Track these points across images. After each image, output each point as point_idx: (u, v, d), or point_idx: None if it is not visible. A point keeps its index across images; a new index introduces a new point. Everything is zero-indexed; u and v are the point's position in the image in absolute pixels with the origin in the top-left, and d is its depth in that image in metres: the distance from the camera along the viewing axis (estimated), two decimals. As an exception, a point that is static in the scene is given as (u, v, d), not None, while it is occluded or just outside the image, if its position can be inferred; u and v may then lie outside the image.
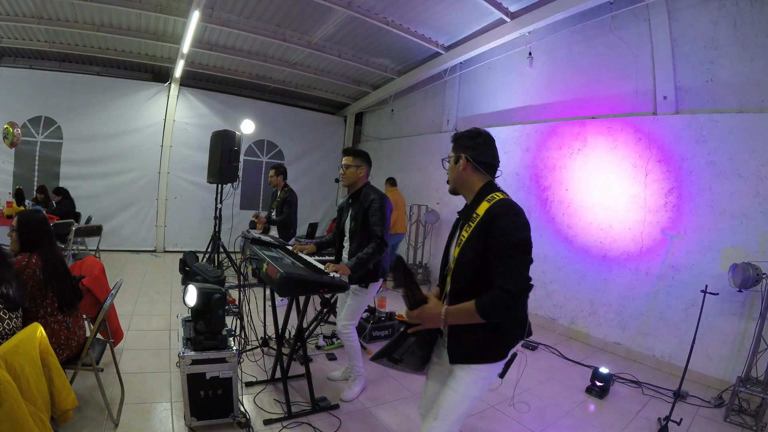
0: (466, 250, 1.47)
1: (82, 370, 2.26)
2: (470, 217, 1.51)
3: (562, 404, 3.12)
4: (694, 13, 3.93)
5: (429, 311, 1.45)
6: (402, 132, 8.38)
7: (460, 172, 1.60)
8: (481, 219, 1.46)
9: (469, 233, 1.47)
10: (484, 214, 1.45)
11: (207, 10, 5.31)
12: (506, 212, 1.43)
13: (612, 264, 4.42)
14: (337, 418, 2.65)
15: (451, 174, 1.64)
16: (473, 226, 1.47)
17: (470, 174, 1.58)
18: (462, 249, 1.49)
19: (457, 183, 1.63)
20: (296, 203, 4.78)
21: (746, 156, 3.54)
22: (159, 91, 7.55)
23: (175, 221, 7.83)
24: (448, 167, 1.66)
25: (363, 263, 2.61)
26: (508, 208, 1.44)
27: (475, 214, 1.49)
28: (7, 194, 6.36)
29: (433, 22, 5.48)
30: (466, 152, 1.59)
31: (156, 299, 4.78)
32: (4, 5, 5.40)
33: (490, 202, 1.48)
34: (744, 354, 3.29)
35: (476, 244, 1.44)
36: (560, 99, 5.24)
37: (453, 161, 1.63)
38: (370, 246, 2.65)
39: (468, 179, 1.59)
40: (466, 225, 1.51)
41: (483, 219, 1.45)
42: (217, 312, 2.37)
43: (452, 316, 1.43)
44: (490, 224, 1.42)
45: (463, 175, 1.59)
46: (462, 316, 1.42)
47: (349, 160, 2.81)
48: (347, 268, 2.52)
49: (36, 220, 2.21)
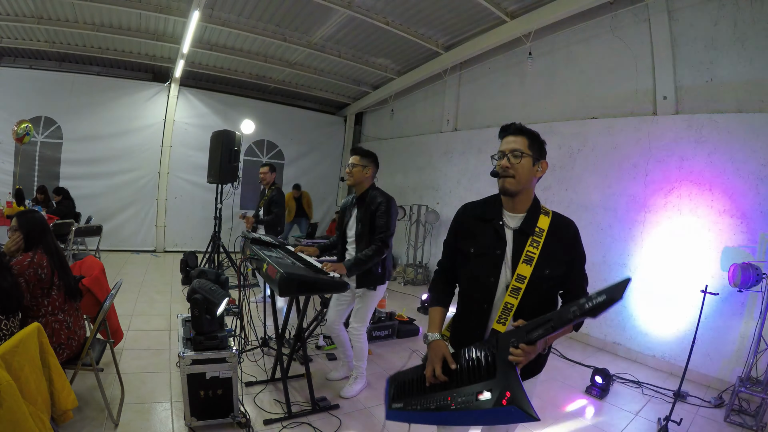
0: (548, 265, 1.38)
1: (82, 370, 2.26)
2: (532, 230, 1.41)
3: (562, 404, 3.11)
4: (694, 13, 3.93)
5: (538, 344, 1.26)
6: (402, 132, 8.38)
7: (535, 177, 1.45)
8: (551, 234, 1.40)
9: (541, 248, 1.38)
10: (554, 228, 1.41)
11: (207, 10, 5.31)
12: (578, 231, 1.46)
13: (612, 264, 4.42)
14: (337, 418, 2.65)
15: (524, 173, 1.41)
16: (542, 242, 1.39)
17: (535, 182, 1.47)
18: (539, 264, 1.37)
19: (526, 185, 1.43)
20: (284, 202, 4.79)
21: (746, 156, 3.53)
22: (159, 91, 7.55)
23: (175, 221, 7.84)
24: (519, 165, 1.41)
25: (361, 264, 2.61)
26: (576, 227, 1.47)
27: (539, 228, 1.41)
28: (7, 194, 6.36)
29: (433, 22, 5.48)
30: (546, 160, 1.48)
31: (156, 299, 4.78)
32: (4, 5, 5.40)
33: (548, 215, 1.43)
34: (744, 354, 3.28)
35: (564, 259, 1.41)
36: (560, 99, 5.24)
37: (531, 161, 1.42)
38: (371, 248, 2.65)
39: (533, 185, 1.47)
40: (532, 240, 1.40)
41: (557, 234, 1.41)
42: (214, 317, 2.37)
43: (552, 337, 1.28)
44: (573, 240, 1.43)
45: (534, 180, 1.45)
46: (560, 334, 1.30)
47: (357, 160, 2.78)
48: (344, 268, 2.53)
49: (37, 218, 2.23)
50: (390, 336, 4.22)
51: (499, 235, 1.44)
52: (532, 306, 1.38)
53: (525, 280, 1.37)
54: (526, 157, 1.41)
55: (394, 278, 7.14)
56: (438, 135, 7.28)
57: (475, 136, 6.45)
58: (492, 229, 1.46)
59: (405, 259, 7.36)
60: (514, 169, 1.40)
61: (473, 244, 1.49)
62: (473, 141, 6.45)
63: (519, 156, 1.40)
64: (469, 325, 1.50)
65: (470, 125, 6.70)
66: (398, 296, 5.95)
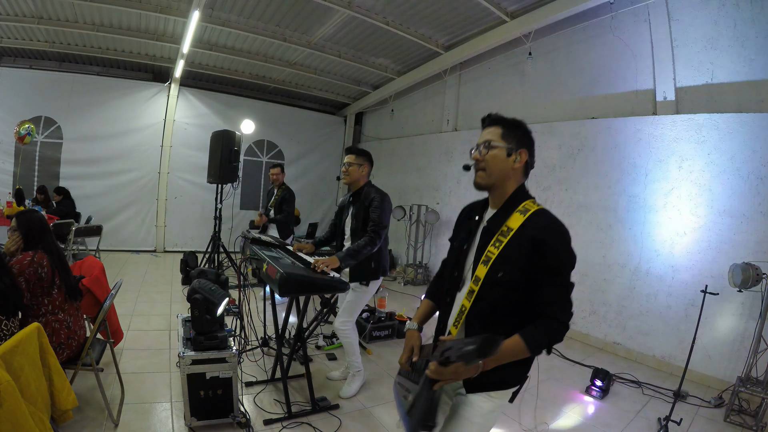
0: (503, 268, 1.24)
1: (82, 370, 2.26)
2: (497, 228, 1.29)
3: (562, 404, 3.11)
4: (694, 13, 3.93)
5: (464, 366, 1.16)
6: (402, 132, 8.38)
7: (511, 168, 1.32)
8: (518, 234, 1.24)
9: (502, 249, 1.25)
10: (523, 229, 1.24)
11: (207, 10, 5.30)
12: (555, 232, 1.25)
13: (612, 264, 4.42)
14: (337, 418, 2.65)
15: (495, 165, 1.31)
16: (505, 242, 1.25)
17: (517, 174, 1.34)
18: (494, 266, 1.25)
19: (499, 179, 1.32)
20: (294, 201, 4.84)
21: (746, 156, 3.54)
22: (159, 91, 7.55)
23: (175, 221, 7.83)
24: (490, 156, 1.32)
25: (353, 254, 2.61)
26: (558, 227, 1.26)
27: (506, 227, 1.27)
28: (7, 194, 6.35)
29: (433, 22, 5.48)
30: (528, 148, 1.34)
31: (156, 299, 4.78)
32: (4, 5, 5.40)
33: (525, 215, 1.26)
34: (744, 354, 3.28)
35: (523, 264, 1.23)
36: (560, 99, 5.24)
37: (505, 152, 1.31)
38: (363, 239, 2.65)
39: (513, 179, 1.34)
40: (495, 239, 1.27)
41: (526, 235, 1.24)
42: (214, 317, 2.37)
43: (493, 360, 1.17)
44: (541, 245, 1.21)
45: (510, 173, 1.32)
46: (504, 357, 1.19)
47: (352, 158, 2.81)
48: (336, 260, 2.53)
49: (36, 218, 2.23)
50: (390, 336, 4.22)
51: (471, 230, 1.41)
52: (483, 312, 1.28)
53: (479, 282, 1.27)
54: (499, 148, 1.32)
55: (394, 278, 7.14)
56: (438, 135, 7.28)
57: (475, 136, 6.26)
58: (469, 225, 1.43)
59: (405, 259, 7.36)
60: (485, 161, 1.33)
61: (455, 239, 1.50)
62: (473, 141, 6.30)
63: (488, 147, 1.33)
64: (440, 319, 1.46)
65: (470, 125, 6.70)
66: (398, 296, 5.95)
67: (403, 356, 1.41)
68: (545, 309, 1.22)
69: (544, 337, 1.21)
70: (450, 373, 1.17)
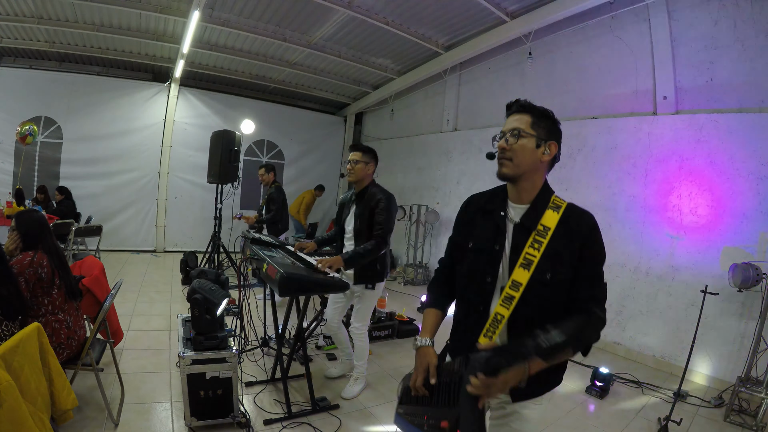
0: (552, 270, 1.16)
1: (82, 370, 2.26)
2: (534, 227, 1.20)
3: (562, 404, 3.11)
4: (694, 13, 3.93)
5: (514, 372, 1.03)
6: (402, 132, 8.38)
7: (539, 160, 1.23)
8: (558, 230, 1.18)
9: (544, 250, 1.17)
10: (563, 225, 1.19)
11: (207, 10, 5.30)
12: (596, 225, 1.21)
13: (612, 264, 4.41)
14: (337, 418, 2.65)
15: (524, 156, 1.21)
16: (545, 242, 1.17)
17: (544, 168, 1.27)
18: (540, 267, 1.16)
19: (527, 171, 1.23)
20: (282, 199, 4.81)
21: (746, 156, 3.53)
22: (159, 91, 7.55)
23: (175, 221, 7.83)
24: (518, 146, 1.21)
25: (359, 258, 2.61)
26: (594, 220, 1.22)
27: (542, 225, 1.19)
28: (7, 194, 6.36)
29: (433, 22, 5.48)
30: (557, 141, 1.26)
31: (156, 299, 4.78)
32: (4, 5, 5.40)
33: (559, 210, 1.21)
34: (744, 354, 3.28)
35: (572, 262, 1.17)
36: (560, 99, 5.24)
37: (534, 142, 1.21)
38: (370, 242, 2.65)
39: (540, 172, 1.26)
40: (533, 240, 1.19)
41: (569, 232, 1.18)
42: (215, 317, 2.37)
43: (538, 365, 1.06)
44: (586, 238, 1.18)
45: (539, 165, 1.24)
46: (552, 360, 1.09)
47: (358, 156, 2.76)
48: (341, 260, 2.52)
49: (35, 218, 2.23)
50: (390, 336, 4.22)
51: (499, 227, 1.26)
52: (527, 320, 1.17)
53: (520, 287, 1.16)
54: (528, 138, 1.21)
55: (394, 278, 7.14)
56: (438, 135, 7.28)
57: (475, 136, 6.45)
58: (493, 221, 1.28)
59: (405, 259, 7.36)
60: (512, 151, 1.21)
61: (472, 238, 1.32)
62: (473, 141, 6.45)
63: (518, 136, 1.21)
64: (464, 333, 1.30)
65: (470, 125, 6.70)
66: (398, 296, 5.95)
67: (419, 379, 1.23)
68: (587, 304, 1.16)
69: (590, 337, 1.15)
70: (500, 384, 1.03)
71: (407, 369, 3.52)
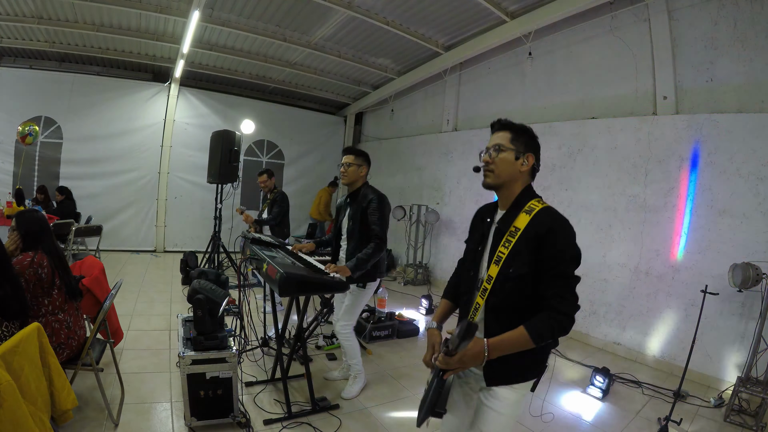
0: (514, 265, 1.33)
1: (82, 370, 2.26)
2: (506, 228, 1.39)
3: (562, 404, 3.11)
4: (694, 13, 3.93)
5: (471, 352, 1.27)
6: (402, 132, 8.38)
7: (518, 171, 1.42)
8: (525, 232, 1.33)
9: (512, 248, 1.34)
10: (530, 227, 1.33)
11: (207, 10, 5.30)
12: (557, 227, 1.33)
13: (612, 264, 4.42)
14: (337, 418, 2.65)
15: (504, 168, 1.41)
16: (514, 241, 1.35)
17: (523, 176, 1.44)
18: (506, 264, 1.35)
19: (507, 180, 1.43)
20: (286, 209, 4.77)
21: (746, 156, 3.53)
22: (159, 91, 7.55)
23: (175, 221, 7.83)
24: (499, 159, 1.41)
25: (363, 263, 2.61)
26: (561, 222, 1.34)
27: (514, 227, 1.36)
28: (7, 194, 6.36)
29: (433, 22, 5.48)
30: (535, 153, 1.44)
31: (156, 299, 4.78)
32: (4, 5, 5.40)
33: (530, 214, 1.36)
34: (744, 354, 3.29)
35: (529, 259, 1.32)
36: (560, 99, 5.24)
37: (513, 155, 1.40)
38: (370, 246, 2.65)
39: (520, 181, 1.44)
40: (505, 239, 1.37)
41: (531, 232, 1.33)
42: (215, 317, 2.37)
43: (497, 350, 1.28)
44: (543, 239, 1.30)
45: (518, 175, 1.43)
46: (509, 347, 1.28)
47: (351, 159, 2.80)
48: (347, 270, 2.52)
49: (35, 218, 2.22)
50: (390, 336, 4.22)
51: (484, 232, 1.51)
52: (496, 308, 1.38)
53: (492, 280, 1.38)
54: (508, 152, 1.41)
55: (394, 278, 7.14)
56: (438, 135, 7.28)
57: (475, 136, 6.45)
58: (482, 227, 1.53)
59: (405, 259, 7.36)
60: (494, 164, 1.42)
61: (469, 240, 1.61)
62: (473, 141, 6.45)
63: (499, 150, 1.42)
64: (460, 316, 1.55)
65: (470, 125, 6.70)
66: (398, 296, 5.95)
67: (427, 355, 1.46)
68: (549, 301, 1.28)
69: (547, 328, 1.26)
70: (456, 362, 1.28)
71: (407, 369, 3.55)
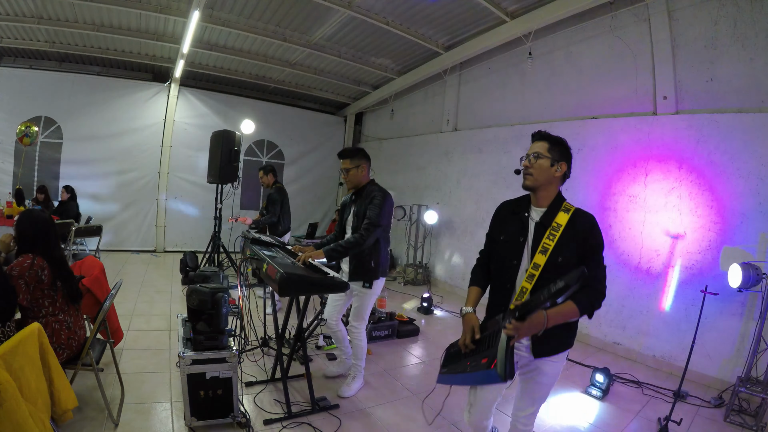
0: (561, 254, 1.58)
1: (82, 370, 2.26)
2: (549, 224, 1.63)
3: (562, 404, 3.11)
4: (694, 13, 3.93)
5: (537, 320, 1.46)
6: (402, 132, 8.38)
7: (553, 176, 1.66)
8: (567, 227, 1.60)
9: (557, 240, 1.59)
10: (571, 223, 1.60)
11: (207, 10, 5.30)
12: (595, 223, 1.64)
13: (612, 264, 4.41)
14: (337, 418, 2.65)
15: (541, 174, 1.65)
16: (558, 235, 1.60)
17: (557, 181, 1.69)
18: (553, 254, 1.58)
19: (543, 184, 1.67)
20: (282, 200, 4.69)
21: (746, 156, 3.53)
22: (159, 91, 7.55)
23: (175, 221, 7.84)
24: (537, 165, 1.65)
25: (339, 250, 2.60)
26: (594, 220, 1.65)
27: (556, 223, 1.62)
28: (7, 194, 6.36)
29: (433, 22, 5.48)
30: (568, 161, 1.69)
31: (156, 299, 4.78)
32: (4, 5, 5.40)
33: (569, 212, 1.63)
34: (744, 354, 3.29)
35: (575, 249, 1.58)
36: (560, 99, 5.24)
37: (549, 162, 1.65)
38: (353, 235, 2.64)
39: (554, 185, 1.69)
40: (549, 233, 1.61)
41: (573, 227, 1.60)
42: (220, 311, 2.37)
43: (552, 320, 1.49)
44: (587, 233, 1.60)
45: (554, 180, 1.67)
46: (561, 318, 1.52)
47: (348, 163, 2.76)
48: (321, 253, 2.53)
49: (35, 218, 2.19)
50: (390, 336, 4.22)
51: (524, 224, 1.70)
52: None
53: (539, 267, 1.58)
54: (544, 159, 1.65)
55: (394, 278, 7.14)
56: (438, 135, 7.28)
57: (475, 136, 6.45)
58: (519, 220, 1.72)
59: (405, 259, 7.36)
60: (533, 168, 1.65)
61: (503, 233, 1.76)
62: (473, 141, 6.45)
63: (537, 157, 1.65)
64: (496, 302, 1.73)
65: (470, 125, 6.70)
66: (398, 296, 5.95)
67: (466, 337, 1.61)
68: (591, 282, 1.50)
69: (588, 303, 1.54)
70: (526, 328, 1.44)
71: (407, 368, 3.55)
